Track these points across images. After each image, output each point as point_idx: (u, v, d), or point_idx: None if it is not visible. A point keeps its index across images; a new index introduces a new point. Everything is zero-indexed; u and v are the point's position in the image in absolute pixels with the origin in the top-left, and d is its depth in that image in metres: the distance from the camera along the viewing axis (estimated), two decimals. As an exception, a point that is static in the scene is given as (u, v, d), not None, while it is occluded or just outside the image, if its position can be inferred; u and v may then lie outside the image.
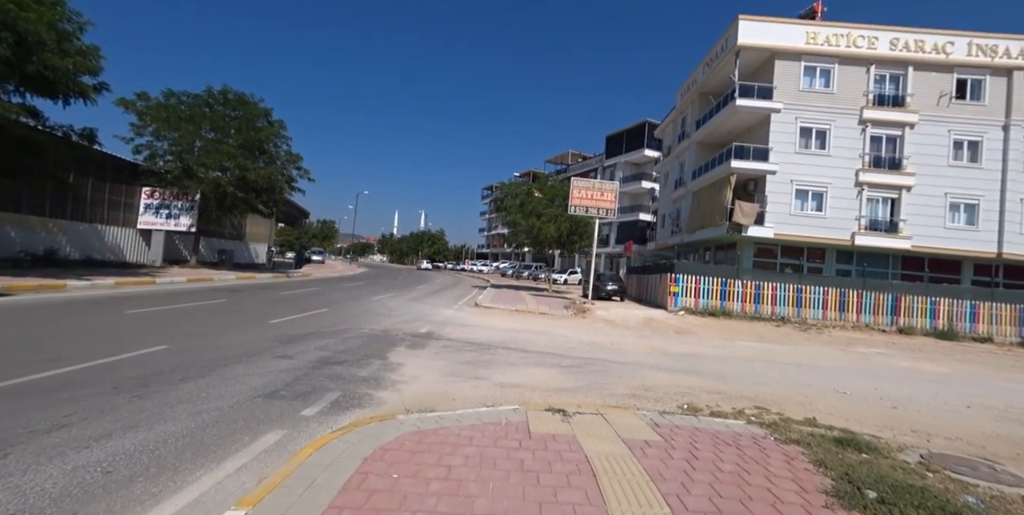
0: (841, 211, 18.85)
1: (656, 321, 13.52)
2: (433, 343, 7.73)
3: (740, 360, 8.42)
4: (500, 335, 9.10)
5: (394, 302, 14.11)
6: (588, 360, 7.25)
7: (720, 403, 5.18)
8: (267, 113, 20.52)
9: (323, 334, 7.69)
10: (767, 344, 10.91)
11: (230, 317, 8.80)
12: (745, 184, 20.41)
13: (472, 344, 7.90)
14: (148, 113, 17.68)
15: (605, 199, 16.54)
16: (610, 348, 8.60)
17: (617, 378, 6.15)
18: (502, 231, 27.79)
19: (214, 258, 24.04)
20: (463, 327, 9.84)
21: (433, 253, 71.58)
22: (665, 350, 8.88)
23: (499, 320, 11.68)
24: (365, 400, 4.44)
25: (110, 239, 18.26)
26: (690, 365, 7.48)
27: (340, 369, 5.51)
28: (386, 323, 9.52)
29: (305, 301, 12.51)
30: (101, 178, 17.72)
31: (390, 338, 7.86)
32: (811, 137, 19.18)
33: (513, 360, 6.86)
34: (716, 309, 15.61)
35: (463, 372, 5.88)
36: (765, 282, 15.89)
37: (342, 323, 9.05)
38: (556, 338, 9.31)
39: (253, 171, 18.59)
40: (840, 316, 15.64)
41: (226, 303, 10.97)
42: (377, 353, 6.57)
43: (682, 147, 26.18)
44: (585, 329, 11.18)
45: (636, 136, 40.78)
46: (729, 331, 12.68)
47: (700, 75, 24.01)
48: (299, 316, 9.52)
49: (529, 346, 8.13)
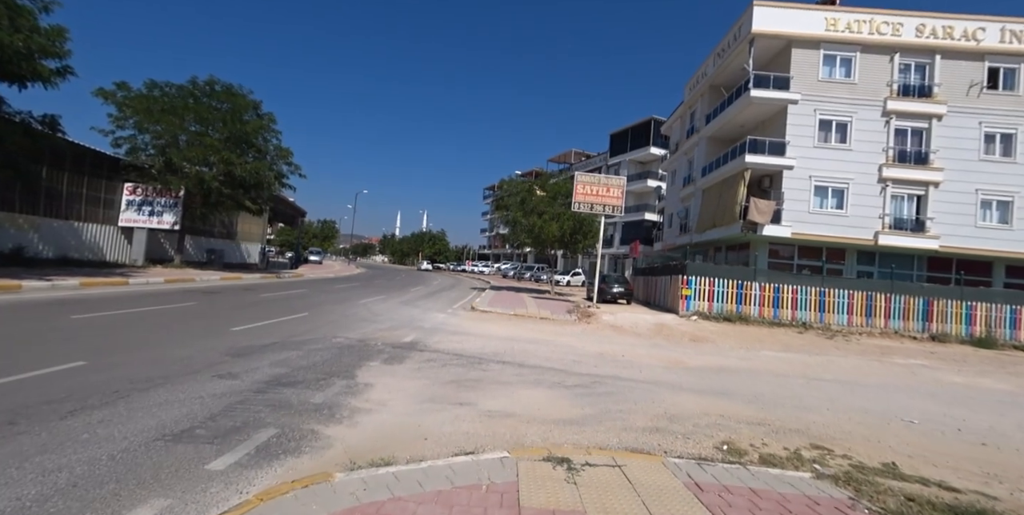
0: (863, 209, 17.68)
1: (668, 327, 12.41)
2: (416, 356, 6.66)
3: (771, 375, 7.30)
4: (495, 345, 8.02)
5: (382, 305, 13.06)
6: (596, 377, 6.16)
7: (766, 440, 4.08)
8: (256, 105, 19.55)
9: (288, 345, 6.64)
10: (794, 354, 9.78)
11: (188, 324, 7.76)
12: (760, 180, 19.26)
13: (461, 357, 6.83)
14: (129, 104, 16.73)
15: (611, 195, 15.45)
16: (620, 361, 7.50)
17: (632, 403, 5.06)
18: (503, 231, 26.72)
19: (203, 258, 23.10)
20: (454, 335, 8.77)
21: (434, 254, 70.55)
22: (684, 363, 7.78)
23: (496, 326, 10.60)
24: (306, 442, 3.37)
25: (88, 237, 17.30)
26: (716, 383, 6.38)
27: (290, 393, 4.45)
28: (367, 330, 8.46)
29: (285, 304, 11.48)
30: (78, 172, 16.77)
31: (366, 349, 6.80)
32: (831, 130, 18.02)
33: (507, 378, 5.79)
34: (732, 314, 14.47)
35: (444, 396, 4.80)
36: (785, 285, 14.73)
37: (316, 330, 8.00)
38: (558, 348, 8.22)
39: (239, 166, 17.61)
40: (867, 322, 14.46)
41: (195, 306, 9.95)
42: (344, 370, 5.50)
43: (691, 143, 25.05)
44: (591, 337, 10.08)
45: (641, 133, 39.66)
46: (749, 339, 11.55)
47: (710, 67, 22.89)
48: (270, 322, 8.48)
49: (527, 359, 7.05)
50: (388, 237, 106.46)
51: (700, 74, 24.40)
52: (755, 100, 17.96)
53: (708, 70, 23.11)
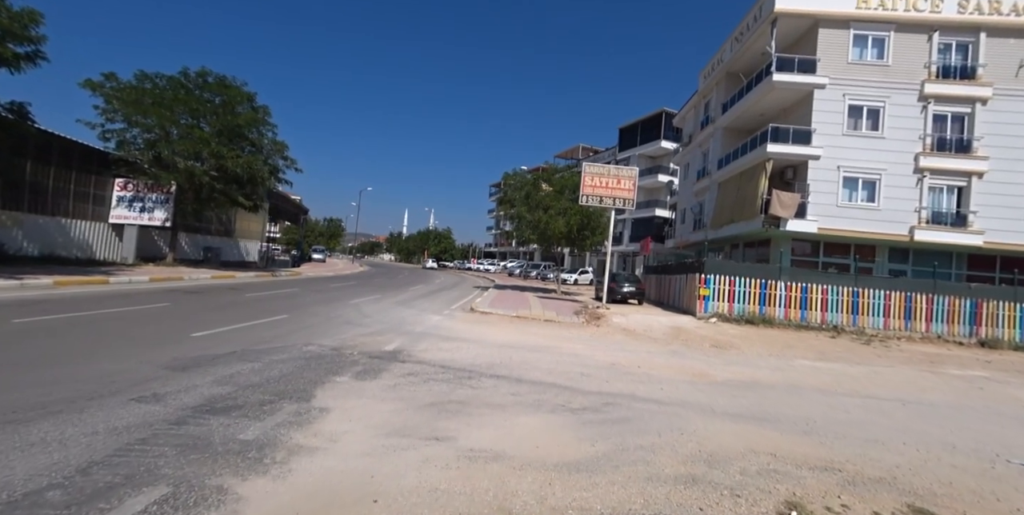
0: (897, 202, 16.30)
1: (685, 331, 11.29)
2: (395, 368, 5.67)
3: (815, 392, 6.18)
4: (491, 354, 7.01)
5: (374, 306, 12.13)
6: (608, 397, 5.11)
7: (845, 497, 3.00)
8: (250, 97, 18.76)
9: (247, 355, 5.70)
10: (833, 364, 8.61)
11: (145, 329, 6.88)
12: (782, 172, 17.96)
13: (449, 370, 5.82)
14: (118, 96, 16.02)
15: (622, 187, 14.32)
16: (635, 374, 6.44)
17: (656, 434, 4.01)
18: (508, 227, 25.70)
19: (199, 256, 22.46)
20: (446, 341, 7.78)
21: (439, 252, 69.82)
22: (709, 375, 6.69)
23: (495, 330, 9.59)
24: (202, 509, 2.38)
25: (77, 234, 16.67)
26: (753, 403, 5.29)
27: (217, 425, 3.48)
28: (347, 336, 7.50)
29: (268, 305, 10.60)
30: (65, 167, 16.11)
31: (338, 361, 5.83)
32: (861, 116, 16.65)
33: (500, 398, 4.77)
34: (754, 315, 13.28)
35: (417, 426, 3.80)
36: (813, 284, 13.48)
37: (288, 336, 7.06)
38: (564, 357, 7.18)
39: (231, 160, 16.81)
40: (905, 325, 13.16)
41: (167, 308, 9.10)
42: (301, 389, 4.53)
43: (705, 134, 23.74)
44: (601, 343, 9.02)
45: (652, 127, 38.29)
46: (777, 344, 10.38)
47: (727, 52, 21.56)
48: (240, 326, 7.57)
49: (527, 372, 6.02)
50: (395, 235, 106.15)
51: (716, 61, 23.06)
52: (778, 85, 16.66)
53: (725, 56, 21.78)
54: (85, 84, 15.62)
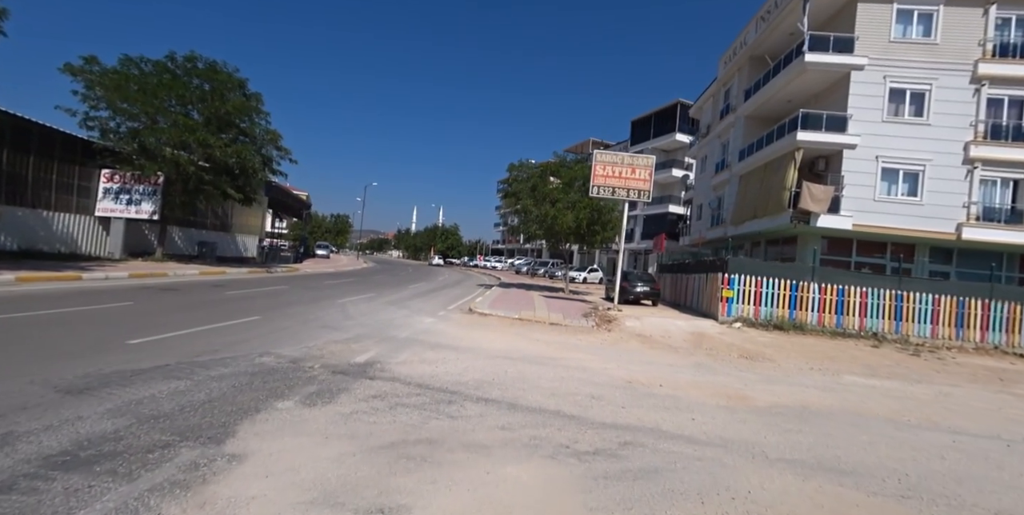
0: (943, 196, 14.76)
1: (708, 337, 10.03)
2: (359, 388, 4.56)
3: (886, 424, 4.93)
4: (483, 367, 5.87)
5: (364, 306, 11.08)
6: (626, 432, 3.94)
7: None
8: (242, 84, 17.83)
9: (179, 369, 4.64)
10: (888, 381, 7.30)
11: (82, 333, 5.89)
12: (812, 163, 16.47)
13: (426, 390, 4.70)
14: (100, 82, 15.15)
15: (637, 177, 13.04)
16: (659, 396, 5.25)
17: (697, 500, 2.83)
18: (513, 222, 24.50)
19: (192, 251, 21.71)
20: (432, 350, 6.66)
21: (446, 249, 68.88)
22: (749, 399, 5.47)
23: (492, 335, 8.45)
24: None
25: (60, 227, 15.92)
26: (817, 444, 4.07)
27: (61, 489, 2.39)
28: (316, 343, 6.43)
29: (245, 304, 9.61)
30: (46, 156, 15.32)
31: (291, 377, 4.74)
32: (904, 101, 15.10)
33: (485, 435, 3.63)
34: (783, 320, 11.94)
35: (360, 486, 2.67)
36: (851, 286, 12.08)
37: (246, 344, 6.01)
38: (570, 372, 6.01)
39: (219, 149, 15.89)
40: (957, 333, 11.71)
41: (129, 307, 8.15)
42: (220, 423, 3.44)
43: (725, 124, 22.24)
44: (613, 352, 7.82)
45: (666, 119, 36.71)
46: (814, 355, 9.08)
47: (751, 34, 20.02)
48: (197, 330, 6.55)
49: (524, 392, 4.87)
50: (403, 232, 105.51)
51: (738, 44, 21.51)
52: (810, 66, 15.17)
53: (748, 38, 20.24)
54: (65, 69, 14.78)
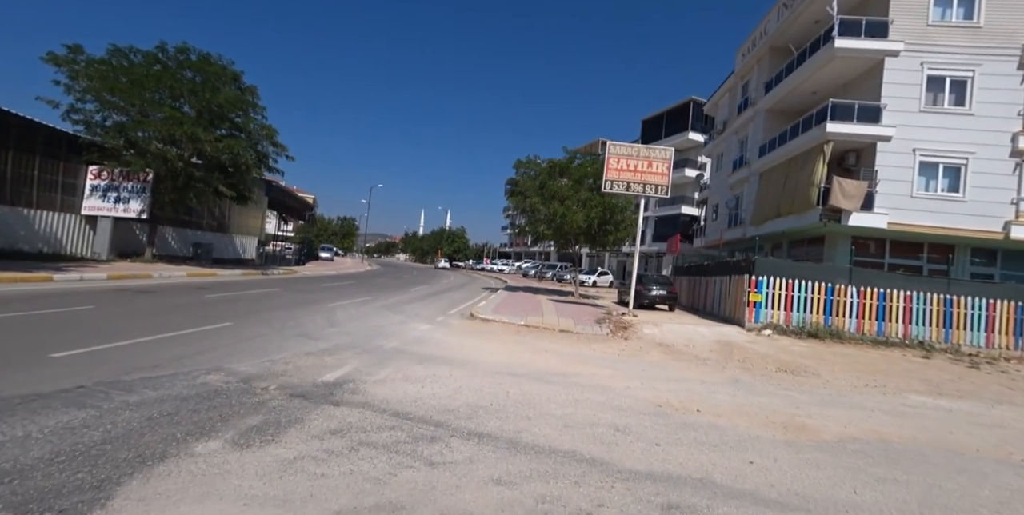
0: (988, 192, 13.51)
1: (737, 347, 8.89)
2: (317, 419, 3.53)
3: (998, 466, 3.80)
4: (479, 386, 4.83)
5: (354, 311, 10.10)
6: (669, 486, 2.87)
7: None
8: (236, 77, 17.09)
9: (93, 393, 3.66)
10: (961, 402, 6.13)
11: (3, 344, 4.96)
12: (842, 157, 15.29)
13: (403, 421, 3.66)
14: (87, 74, 14.46)
15: (654, 171, 11.98)
16: (698, 425, 4.16)
17: None
18: (519, 221, 23.43)
19: (187, 252, 20.97)
20: (421, 364, 5.63)
21: (453, 251, 68.02)
22: (810, 429, 4.36)
23: (494, 345, 7.41)
24: None
25: (43, 226, 15.20)
26: (928, 503, 2.96)
27: None
28: (284, 355, 5.44)
29: (221, 309, 8.69)
30: (27, 151, 14.62)
31: (233, 403, 3.74)
32: (944, 89, 13.89)
33: (472, 496, 2.58)
34: (819, 327, 10.75)
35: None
36: (893, 289, 10.87)
37: (196, 357, 5.03)
38: (587, 393, 4.95)
39: (208, 143, 15.10)
40: (1016, 342, 10.44)
41: (86, 311, 7.27)
42: (97, 482, 2.43)
43: (744, 119, 21.09)
44: (634, 366, 6.74)
45: (679, 118, 35.56)
46: (863, 368, 7.90)
47: (771, 23, 18.92)
48: (150, 339, 5.61)
49: (529, 423, 3.82)
50: (410, 235, 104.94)
51: (757, 35, 20.41)
52: (840, 53, 14.03)
53: (769, 27, 19.14)
54: (48, 58, 14.11)
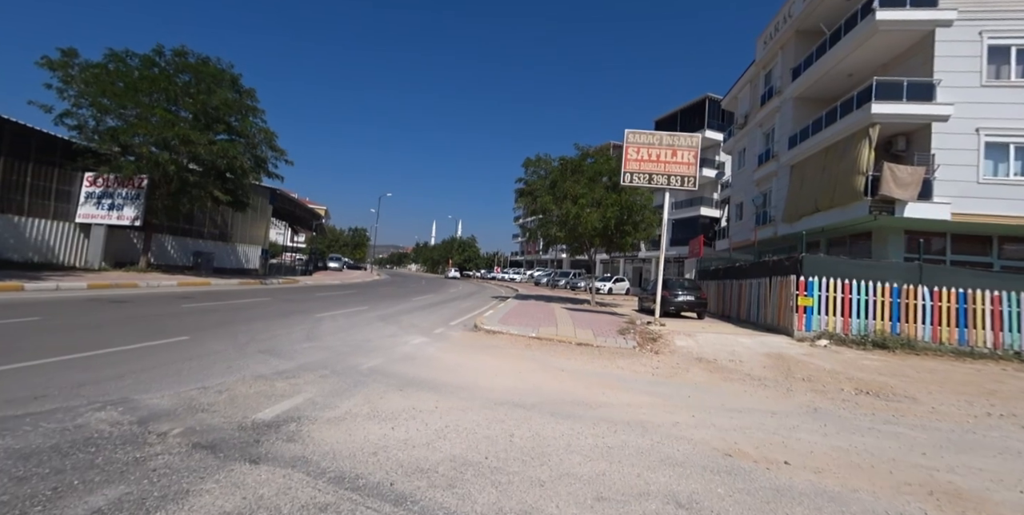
0: (1070, 175, 11.70)
1: (794, 361, 7.37)
2: (205, 495, 2.26)
3: None
4: (472, 426, 3.51)
5: (343, 321, 8.91)
6: None
7: None
8: (234, 79, 16.47)
9: None
10: None
11: None
12: (889, 142, 13.68)
13: (345, 496, 2.36)
14: (81, 77, 13.93)
15: (680, 161, 10.61)
16: (804, 499, 2.75)
17: None
18: (529, 222, 22.16)
19: (187, 261, 20.30)
20: (400, 392, 4.34)
21: (463, 261, 67.04)
22: (967, 497, 2.90)
23: (499, 362, 6.10)
24: None
25: (34, 234, 14.59)
26: None
27: None
28: (228, 380, 4.22)
29: (188, 320, 7.59)
30: (18, 157, 14.09)
31: (100, 461, 2.50)
32: (1009, 60, 12.27)
33: None
34: (886, 335, 9.12)
35: None
36: (976, 290, 9.19)
37: (109, 382, 3.85)
38: (621, 436, 3.57)
39: (202, 146, 14.36)
40: None
41: (30, 323, 6.25)
42: None
43: (768, 110, 19.59)
44: (676, 390, 5.32)
45: (694, 116, 34.14)
46: (962, 388, 6.31)
47: (797, 4, 17.53)
48: (69, 357, 4.49)
49: (538, 504, 2.46)
50: (421, 245, 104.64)
51: (780, 19, 19.02)
52: (883, 25, 12.57)
53: (793, 10, 17.75)
54: (44, 63, 13.64)
